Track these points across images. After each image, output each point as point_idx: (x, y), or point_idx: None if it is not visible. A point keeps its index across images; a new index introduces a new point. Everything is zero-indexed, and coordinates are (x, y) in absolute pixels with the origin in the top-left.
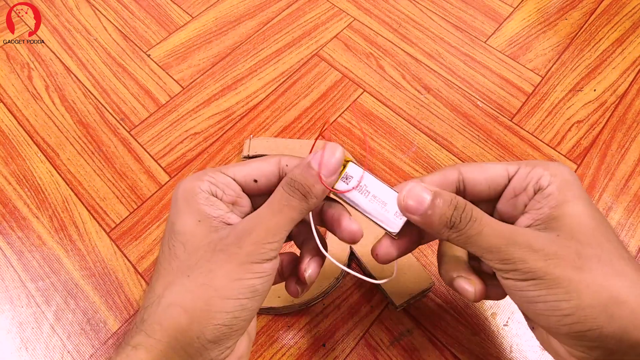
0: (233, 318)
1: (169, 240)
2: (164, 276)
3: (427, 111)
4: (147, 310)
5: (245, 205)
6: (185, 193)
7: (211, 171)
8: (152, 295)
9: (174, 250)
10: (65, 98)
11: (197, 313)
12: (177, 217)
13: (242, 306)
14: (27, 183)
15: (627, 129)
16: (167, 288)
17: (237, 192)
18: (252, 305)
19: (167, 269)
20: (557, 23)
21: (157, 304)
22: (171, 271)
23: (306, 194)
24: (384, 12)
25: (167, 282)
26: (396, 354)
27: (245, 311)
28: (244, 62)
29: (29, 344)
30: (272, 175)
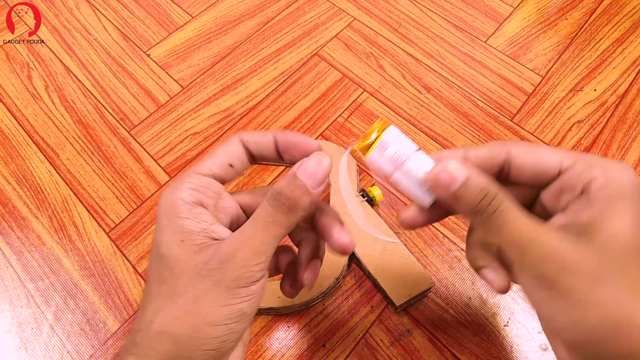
0: (221, 342)
1: (157, 263)
2: (154, 300)
3: (427, 111)
4: (138, 333)
5: (229, 206)
6: (167, 207)
7: (188, 175)
8: (143, 318)
9: (162, 274)
10: (65, 98)
11: (185, 341)
12: (160, 236)
13: (230, 330)
14: (26, 183)
15: (628, 129)
16: (156, 314)
17: (218, 191)
18: (240, 327)
19: (157, 294)
20: (558, 23)
21: (147, 330)
22: (160, 295)
23: (293, 208)
24: (384, 12)
25: (156, 307)
26: (396, 354)
27: (234, 334)
28: (244, 62)
29: (29, 344)
30: (243, 155)
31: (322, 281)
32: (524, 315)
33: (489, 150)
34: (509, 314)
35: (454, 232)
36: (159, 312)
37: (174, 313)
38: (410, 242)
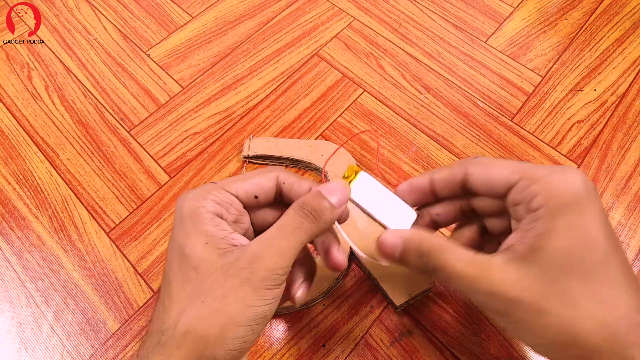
0: (244, 343)
1: (180, 263)
2: (178, 300)
3: (427, 111)
4: (163, 334)
5: (245, 222)
6: (190, 212)
7: (214, 189)
8: (168, 318)
9: (186, 274)
10: (65, 98)
11: (212, 340)
12: (185, 238)
13: (252, 331)
14: (26, 183)
15: (628, 129)
16: (182, 313)
17: (239, 210)
18: (260, 329)
19: (181, 294)
20: (558, 23)
21: (173, 329)
22: (185, 296)
23: (318, 218)
24: (384, 12)
25: (182, 307)
26: (396, 354)
27: (254, 335)
28: (244, 62)
29: (29, 344)
30: (270, 191)
31: (322, 281)
32: None
33: (450, 171)
34: None
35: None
36: (184, 312)
37: (201, 312)
38: None
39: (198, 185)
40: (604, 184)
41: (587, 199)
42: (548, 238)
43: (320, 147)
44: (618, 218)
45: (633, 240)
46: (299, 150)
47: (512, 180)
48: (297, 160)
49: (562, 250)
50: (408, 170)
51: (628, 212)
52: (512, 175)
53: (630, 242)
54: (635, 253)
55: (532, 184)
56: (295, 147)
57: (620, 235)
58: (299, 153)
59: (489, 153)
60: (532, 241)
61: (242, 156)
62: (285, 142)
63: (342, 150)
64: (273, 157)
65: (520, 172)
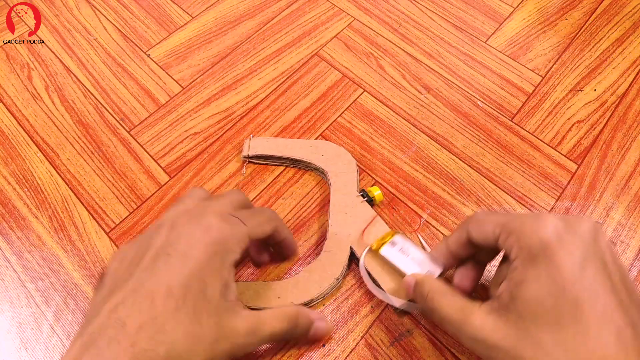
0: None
1: (197, 300)
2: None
3: (427, 111)
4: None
5: None
6: (224, 252)
7: (244, 239)
8: (164, 335)
9: (198, 314)
10: (65, 98)
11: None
12: (210, 277)
13: None
14: (26, 183)
15: (628, 129)
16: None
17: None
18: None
19: (192, 333)
20: (558, 23)
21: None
22: (187, 333)
23: (300, 329)
24: (384, 12)
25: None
26: (396, 354)
27: None
28: (244, 62)
29: (29, 344)
30: (265, 235)
31: (322, 281)
32: None
33: (457, 234)
34: None
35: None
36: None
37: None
38: None
39: (216, 198)
40: (603, 184)
41: (558, 245)
42: (521, 288)
43: (321, 147)
44: (618, 218)
45: (633, 240)
46: (299, 150)
47: (496, 234)
48: (297, 160)
49: (533, 299)
50: (408, 171)
51: (628, 212)
52: (495, 229)
53: (630, 242)
54: (635, 253)
55: (509, 237)
56: (296, 147)
57: (620, 235)
58: (299, 153)
59: (489, 153)
60: (511, 291)
61: (242, 156)
62: (285, 142)
63: (353, 164)
64: (273, 157)
65: (500, 226)
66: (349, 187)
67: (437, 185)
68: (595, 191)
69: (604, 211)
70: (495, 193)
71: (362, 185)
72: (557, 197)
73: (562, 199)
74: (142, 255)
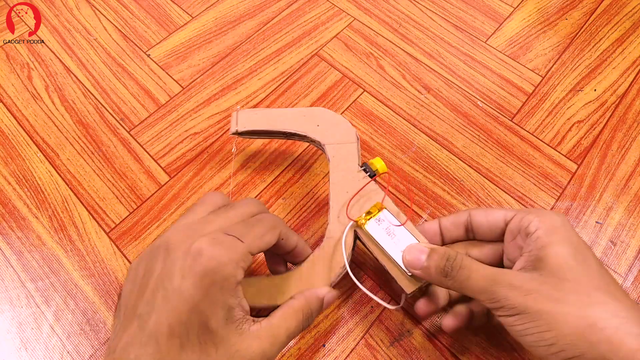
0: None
1: (200, 335)
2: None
3: (427, 111)
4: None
5: None
6: (221, 279)
7: (245, 255)
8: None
9: (205, 347)
10: (65, 98)
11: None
12: (210, 308)
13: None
14: (26, 183)
15: (628, 129)
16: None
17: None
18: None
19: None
20: (557, 23)
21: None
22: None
23: (310, 318)
24: (384, 12)
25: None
26: (396, 354)
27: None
28: (244, 62)
29: (29, 344)
30: (271, 245)
31: (328, 271)
32: None
33: (455, 215)
34: None
35: None
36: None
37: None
38: None
39: (203, 195)
40: (604, 184)
41: (569, 226)
42: (551, 248)
43: (316, 115)
44: (618, 218)
45: (633, 240)
46: (292, 121)
47: (508, 217)
48: (291, 134)
49: (565, 255)
50: (408, 171)
51: (628, 212)
52: (507, 213)
53: (630, 242)
54: (636, 253)
55: (527, 215)
56: (288, 118)
57: (620, 235)
58: (292, 125)
59: (489, 153)
60: (538, 253)
61: (231, 132)
62: (277, 113)
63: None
64: (264, 132)
65: (513, 211)
66: (349, 162)
67: (437, 185)
68: (595, 191)
69: (604, 211)
70: (495, 193)
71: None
72: (557, 197)
73: (562, 199)
74: (147, 283)
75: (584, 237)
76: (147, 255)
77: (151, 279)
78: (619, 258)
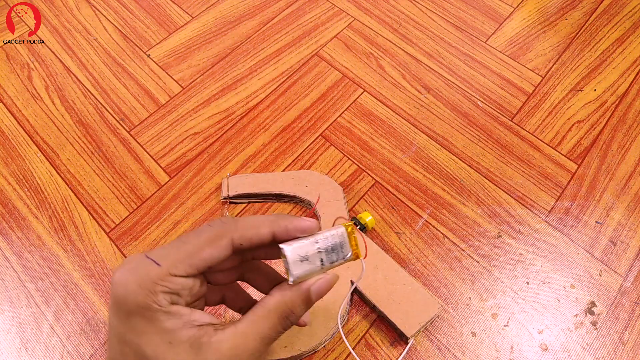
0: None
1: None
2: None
3: (427, 111)
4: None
5: (202, 290)
6: (140, 309)
7: (159, 276)
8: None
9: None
10: (65, 98)
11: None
12: (141, 337)
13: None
14: (26, 183)
15: (628, 129)
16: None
17: (192, 289)
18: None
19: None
20: (557, 23)
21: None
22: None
23: (292, 318)
24: (384, 12)
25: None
26: (396, 354)
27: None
28: (244, 62)
29: (29, 344)
30: (226, 258)
31: (327, 321)
32: (524, 316)
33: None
34: (509, 314)
35: (454, 232)
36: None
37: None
38: (410, 242)
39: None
40: (604, 184)
41: None
42: None
43: (303, 177)
44: (618, 218)
45: (633, 240)
46: (281, 183)
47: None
48: (280, 195)
49: None
50: (408, 171)
51: (628, 212)
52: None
53: (630, 242)
54: (636, 253)
55: None
56: (277, 181)
57: (620, 235)
58: (281, 187)
59: (489, 153)
60: None
61: (222, 198)
62: (265, 177)
63: (327, 179)
64: (255, 194)
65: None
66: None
67: (437, 185)
68: (595, 191)
69: (604, 211)
70: (495, 193)
71: (352, 214)
72: (557, 197)
73: (562, 199)
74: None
75: (584, 237)
76: None
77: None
78: (619, 258)
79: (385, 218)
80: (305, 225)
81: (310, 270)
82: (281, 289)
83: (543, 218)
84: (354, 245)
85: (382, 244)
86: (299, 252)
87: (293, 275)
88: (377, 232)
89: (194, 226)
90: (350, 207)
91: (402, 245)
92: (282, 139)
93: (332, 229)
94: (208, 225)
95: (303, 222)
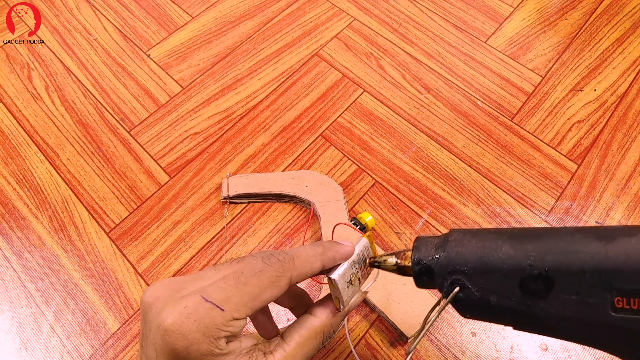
0: None
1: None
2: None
3: (427, 111)
4: None
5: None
6: (200, 357)
7: (223, 323)
8: None
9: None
10: (65, 98)
11: None
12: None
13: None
14: (26, 183)
15: (628, 129)
16: None
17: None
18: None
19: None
20: (557, 23)
21: None
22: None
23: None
24: (384, 12)
25: None
26: (396, 355)
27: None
28: (244, 62)
29: (29, 344)
30: (283, 294)
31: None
32: None
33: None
34: None
35: None
36: None
37: None
38: (410, 242)
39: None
40: (604, 184)
41: None
42: None
43: (303, 177)
44: (618, 218)
45: None
46: (281, 183)
47: None
48: (280, 195)
49: None
50: (408, 171)
51: (628, 212)
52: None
53: None
54: None
55: None
56: (277, 181)
57: None
58: (281, 187)
59: (489, 153)
60: None
61: (222, 197)
62: (265, 177)
63: (327, 179)
64: (255, 194)
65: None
66: (339, 217)
67: (437, 185)
68: (595, 191)
69: (604, 211)
70: (495, 193)
71: (351, 214)
72: (557, 197)
73: (562, 199)
74: (142, 333)
75: None
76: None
77: (142, 333)
78: None
79: (385, 218)
80: (349, 251)
81: (353, 292)
82: (325, 310)
83: (543, 218)
84: (375, 253)
85: (382, 244)
86: (345, 279)
87: (344, 303)
88: (377, 232)
89: (194, 226)
90: (350, 207)
91: (402, 245)
92: (282, 139)
93: (358, 244)
94: (263, 261)
95: (346, 248)
